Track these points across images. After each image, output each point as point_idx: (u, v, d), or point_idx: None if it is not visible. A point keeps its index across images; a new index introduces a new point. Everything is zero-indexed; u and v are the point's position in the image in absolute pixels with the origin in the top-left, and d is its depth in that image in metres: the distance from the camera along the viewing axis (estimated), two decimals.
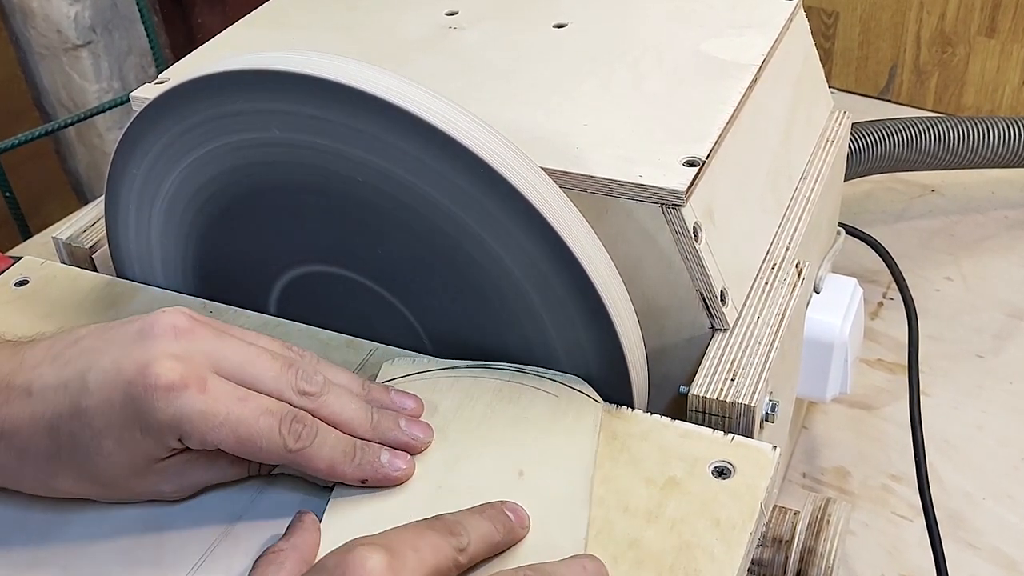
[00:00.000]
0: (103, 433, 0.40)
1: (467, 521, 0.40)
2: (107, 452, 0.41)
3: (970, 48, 0.99)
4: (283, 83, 0.45)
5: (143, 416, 0.40)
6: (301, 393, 0.42)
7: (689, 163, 0.47)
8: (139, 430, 0.40)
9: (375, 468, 0.43)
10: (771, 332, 0.49)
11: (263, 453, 0.41)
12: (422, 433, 0.45)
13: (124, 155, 0.51)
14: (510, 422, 0.46)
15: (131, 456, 0.41)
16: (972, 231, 0.89)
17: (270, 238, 0.51)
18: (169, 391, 0.40)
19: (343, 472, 0.42)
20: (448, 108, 0.44)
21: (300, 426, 0.41)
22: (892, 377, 0.75)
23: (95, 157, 1.56)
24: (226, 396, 0.41)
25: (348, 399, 0.44)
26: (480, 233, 0.45)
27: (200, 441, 0.40)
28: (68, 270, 0.58)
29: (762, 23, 0.58)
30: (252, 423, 0.40)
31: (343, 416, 0.43)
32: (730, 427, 0.47)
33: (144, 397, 0.40)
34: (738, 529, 0.42)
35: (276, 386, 0.42)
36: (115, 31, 1.50)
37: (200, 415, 0.40)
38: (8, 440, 0.41)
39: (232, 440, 0.40)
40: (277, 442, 0.41)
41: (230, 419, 0.40)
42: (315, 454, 0.41)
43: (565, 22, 0.60)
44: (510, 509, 0.41)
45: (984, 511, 0.65)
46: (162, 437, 0.40)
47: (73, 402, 0.41)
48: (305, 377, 0.43)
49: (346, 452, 0.42)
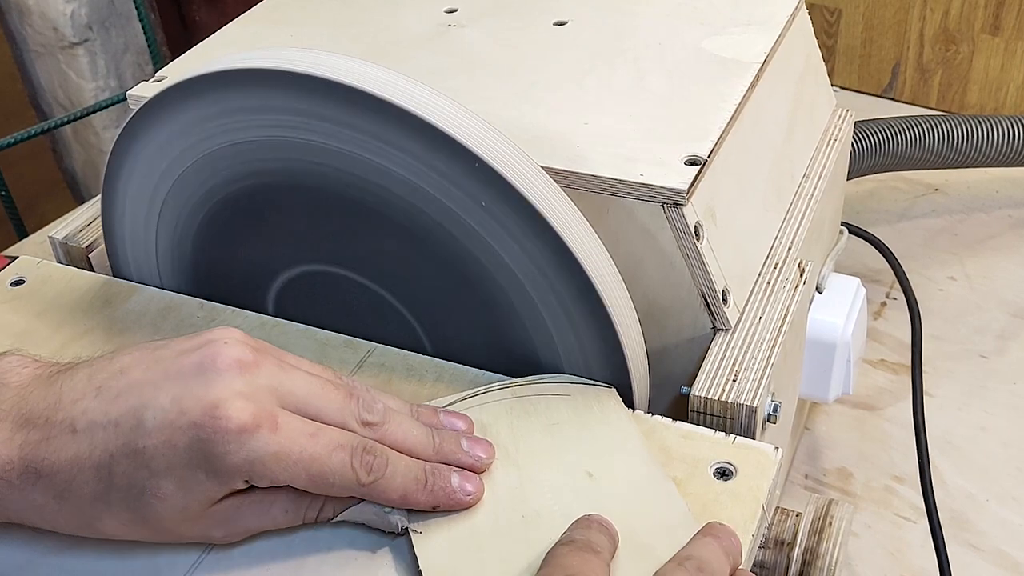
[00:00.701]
0: (162, 475, 0.39)
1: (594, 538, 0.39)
2: (164, 494, 0.39)
3: (974, 46, 0.99)
4: (281, 81, 0.45)
5: (212, 459, 0.38)
6: (364, 424, 0.41)
7: (690, 162, 0.47)
8: (204, 472, 0.39)
9: (447, 493, 0.42)
10: (773, 332, 0.49)
11: (335, 488, 0.40)
12: (484, 453, 0.44)
13: (121, 154, 0.51)
14: (544, 432, 0.45)
15: (189, 498, 0.39)
16: (976, 230, 0.89)
17: (268, 237, 0.51)
18: (241, 433, 0.38)
19: (416, 500, 0.41)
20: (448, 106, 0.44)
21: (371, 458, 0.40)
22: (895, 378, 0.75)
23: (92, 156, 1.56)
24: (298, 434, 0.39)
25: (409, 424, 0.43)
26: (479, 232, 0.45)
27: (271, 480, 0.39)
28: (64, 269, 0.58)
29: (764, 21, 0.58)
30: (325, 459, 0.39)
31: (407, 443, 0.42)
32: (732, 428, 0.47)
33: (214, 440, 0.38)
34: (740, 531, 0.41)
35: (341, 417, 0.41)
36: (112, 29, 1.50)
37: (274, 457, 0.39)
38: (48, 480, 0.39)
39: (304, 478, 0.39)
40: (350, 477, 0.40)
41: (303, 458, 0.39)
42: (388, 485, 0.41)
43: (565, 19, 0.60)
44: (601, 521, 0.41)
45: (988, 513, 0.65)
46: (230, 479, 0.39)
47: (128, 442, 0.39)
48: (367, 407, 0.42)
49: (418, 479, 0.41)
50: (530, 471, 0.44)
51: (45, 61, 1.49)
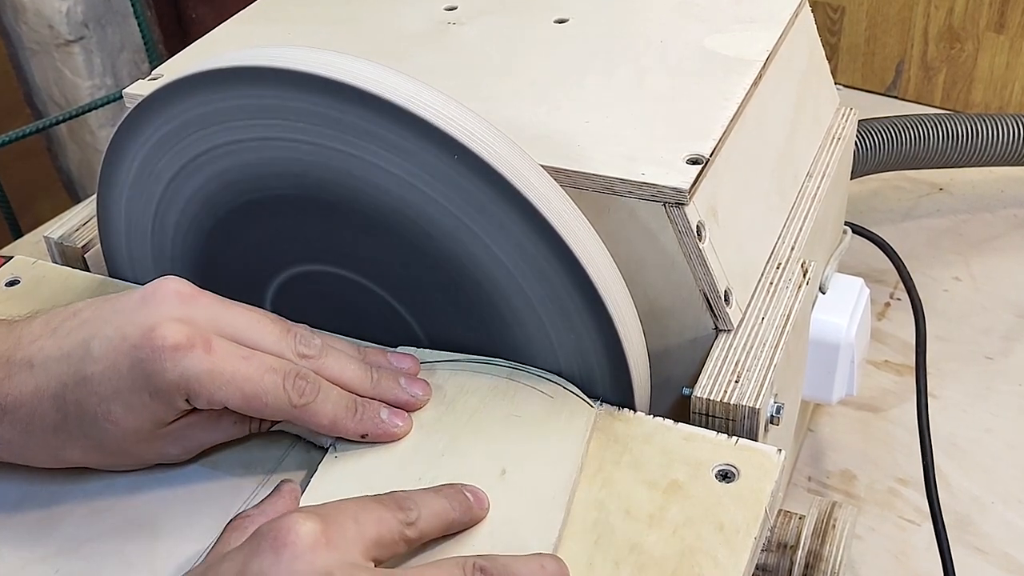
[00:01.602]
0: (110, 399, 0.41)
1: (419, 497, 0.41)
2: (115, 418, 0.42)
3: (979, 44, 0.99)
4: (278, 80, 0.45)
5: (151, 378, 0.41)
6: (301, 356, 0.44)
7: (692, 161, 0.47)
8: (147, 393, 0.41)
9: (376, 424, 0.45)
10: (776, 333, 0.49)
11: (268, 409, 0.42)
12: (421, 391, 0.46)
13: (117, 153, 0.51)
14: (501, 419, 0.46)
15: (139, 420, 0.42)
16: (981, 230, 0.89)
17: (266, 237, 0.51)
18: (175, 351, 0.41)
19: (345, 427, 0.44)
20: (447, 104, 0.44)
21: (303, 382, 0.43)
22: (899, 379, 0.75)
23: (87, 155, 1.56)
24: (231, 355, 0.42)
25: (347, 360, 0.45)
26: (479, 232, 0.45)
27: (208, 400, 0.41)
28: (60, 270, 0.58)
29: (767, 18, 0.58)
30: (257, 380, 0.42)
31: (344, 376, 0.45)
32: (734, 430, 0.47)
33: (151, 359, 0.41)
34: (742, 534, 0.42)
35: (278, 348, 0.44)
36: (108, 26, 1.50)
37: (207, 374, 0.41)
38: (12, 415, 0.42)
39: (238, 397, 0.42)
40: (282, 398, 0.42)
41: (236, 377, 0.41)
42: (319, 409, 0.43)
43: (566, 17, 0.60)
44: (470, 491, 0.42)
45: (993, 515, 0.65)
46: (170, 398, 0.41)
47: (77, 370, 0.42)
48: (304, 341, 0.45)
49: (348, 407, 0.44)
50: (460, 444, 0.45)
51: (40, 59, 1.49)
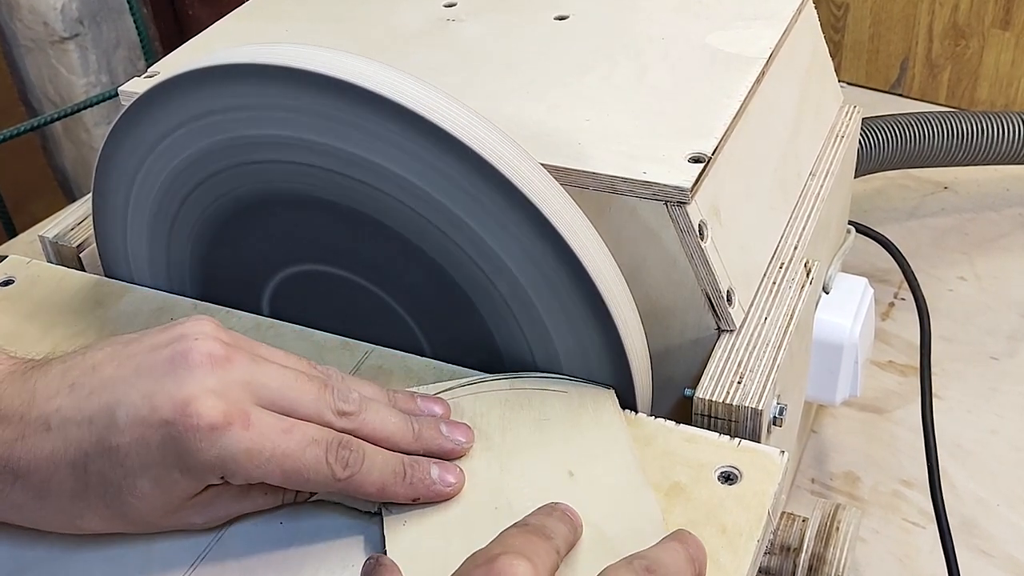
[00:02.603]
0: (137, 473, 0.39)
1: (551, 524, 0.39)
2: (141, 492, 0.40)
3: (984, 41, 0.99)
4: (276, 77, 0.45)
5: (184, 457, 0.39)
6: (340, 414, 0.42)
7: (694, 159, 0.47)
8: (178, 470, 0.39)
9: (427, 486, 0.42)
10: (779, 333, 0.49)
11: (311, 484, 0.41)
12: (464, 437, 0.44)
13: (112, 151, 0.51)
14: (534, 427, 0.46)
15: (166, 495, 0.40)
16: (986, 229, 0.89)
17: (264, 236, 0.51)
18: (212, 431, 0.38)
19: (395, 493, 0.42)
20: (446, 102, 0.44)
21: (347, 452, 0.41)
22: (904, 380, 0.75)
23: (82, 153, 1.56)
24: (271, 430, 0.40)
25: (387, 412, 0.43)
26: (478, 231, 0.45)
27: (245, 478, 0.40)
28: (55, 269, 0.58)
29: (770, 15, 0.58)
30: (299, 456, 0.40)
31: (385, 431, 0.43)
32: (737, 431, 0.47)
33: (185, 438, 0.38)
34: (745, 536, 0.42)
35: (316, 409, 0.41)
36: (103, 23, 1.50)
37: (246, 454, 0.39)
38: (25, 479, 0.40)
39: (278, 474, 0.40)
40: (325, 472, 0.40)
41: (276, 455, 0.39)
42: (365, 479, 0.41)
43: (567, 14, 0.60)
44: (567, 510, 0.41)
45: (998, 517, 0.65)
46: (204, 476, 0.40)
47: (101, 439, 0.39)
48: (342, 396, 0.42)
49: (396, 472, 0.42)
50: (512, 463, 0.44)
51: (35, 56, 1.49)
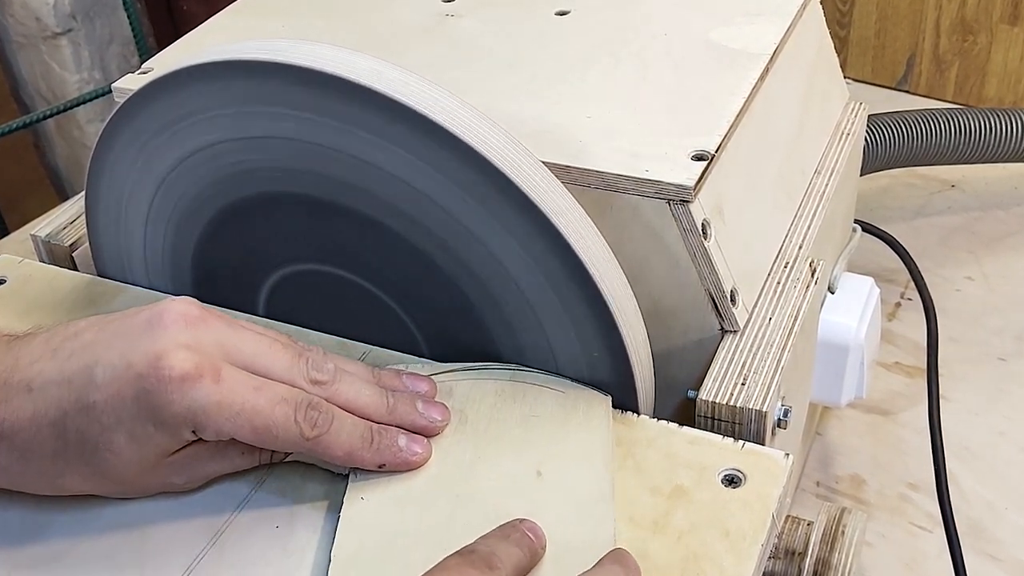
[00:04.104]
0: (113, 428, 0.41)
1: (499, 550, 0.40)
2: (118, 448, 0.41)
3: (992, 36, 0.99)
4: (273, 73, 0.45)
5: (157, 409, 0.40)
6: (314, 382, 0.43)
7: (698, 157, 0.47)
8: (152, 424, 0.41)
9: (393, 453, 0.44)
10: (783, 334, 0.49)
11: (279, 442, 0.42)
12: (439, 415, 0.46)
13: (105, 149, 0.51)
14: (519, 422, 0.46)
15: (143, 451, 0.41)
16: (994, 228, 0.89)
17: (261, 235, 0.51)
18: (183, 382, 0.40)
19: (361, 458, 0.43)
20: (445, 99, 0.44)
21: (316, 413, 0.42)
22: (910, 381, 0.75)
23: (75, 151, 1.57)
24: (241, 386, 0.41)
25: (361, 385, 0.45)
26: (477, 230, 0.45)
27: (216, 432, 0.41)
28: (47, 269, 0.58)
29: (774, 10, 0.58)
30: (268, 412, 0.41)
31: (358, 402, 0.44)
32: (740, 433, 0.47)
33: (157, 390, 0.40)
34: (749, 540, 0.42)
35: (289, 375, 0.43)
36: (96, 19, 1.50)
37: (216, 406, 0.40)
38: (9, 440, 0.42)
39: (248, 430, 0.41)
40: (293, 431, 0.42)
41: (246, 409, 0.41)
42: (333, 441, 0.42)
43: (568, 9, 0.60)
44: (529, 529, 0.41)
45: (1006, 521, 0.65)
46: (176, 430, 0.41)
47: (79, 397, 0.41)
48: (316, 366, 0.44)
49: (364, 437, 0.43)
50: (487, 453, 0.45)
51: (27, 52, 1.49)
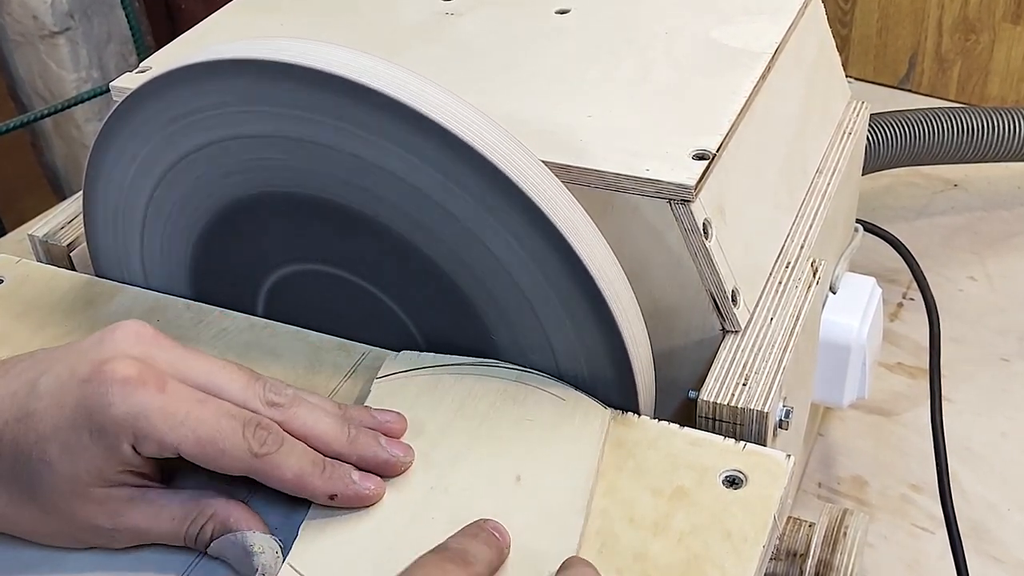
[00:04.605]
0: (48, 437, 0.39)
1: (473, 549, 0.39)
2: (50, 458, 0.40)
3: (995, 35, 0.99)
4: (272, 72, 0.45)
5: (94, 414, 0.39)
6: (270, 404, 0.42)
7: (699, 156, 0.47)
8: (88, 431, 0.39)
9: (346, 484, 0.42)
10: (785, 334, 0.49)
11: (226, 457, 0.40)
12: (402, 452, 0.44)
13: (103, 148, 0.51)
14: (513, 423, 0.46)
15: (74, 465, 0.40)
16: (997, 228, 0.89)
17: (260, 235, 0.51)
18: (125, 384, 0.39)
19: (312, 484, 0.41)
20: (445, 98, 0.44)
21: (265, 432, 0.40)
22: (912, 382, 0.75)
23: (73, 150, 1.57)
24: (186, 396, 0.40)
25: (321, 413, 0.43)
26: (477, 230, 0.45)
27: (157, 443, 0.39)
28: (44, 269, 0.58)
29: (776, 9, 0.58)
30: (213, 423, 0.40)
31: (316, 429, 0.42)
32: (742, 434, 0.47)
33: (98, 392, 0.39)
34: (750, 542, 0.42)
35: (243, 396, 0.42)
36: (94, 17, 1.50)
37: (159, 412, 0.39)
38: None
39: (192, 441, 0.39)
40: (241, 445, 0.40)
41: (190, 418, 0.39)
42: (282, 461, 0.41)
43: (568, 8, 0.60)
44: (494, 528, 0.41)
45: (1009, 523, 0.65)
46: (114, 439, 0.39)
47: (21, 407, 0.40)
48: (274, 389, 0.42)
49: (315, 463, 0.41)
50: (467, 454, 0.45)
51: (25, 51, 1.49)
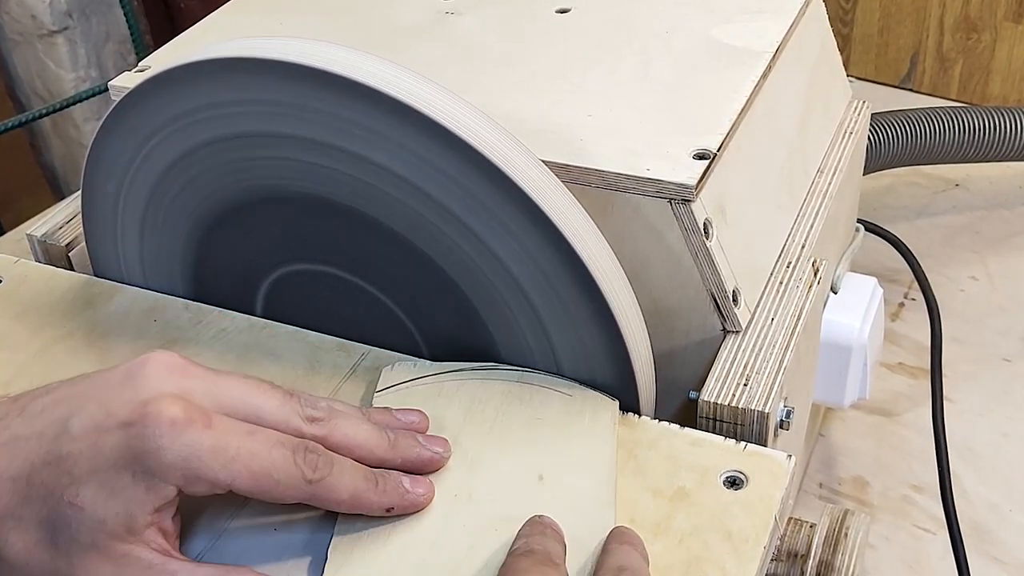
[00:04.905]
0: (83, 480, 0.38)
1: (552, 548, 0.39)
2: (83, 502, 0.38)
3: (996, 34, 0.99)
4: (271, 71, 0.45)
5: (142, 457, 0.38)
6: (310, 420, 0.41)
7: (699, 156, 0.47)
8: (130, 474, 0.38)
9: (400, 494, 0.42)
10: (786, 334, 0.49)
11: (280, 488, 0.39)
12: (442, 448, 0.44)
13: (102, 148, 0.51)
14: (524, 424, 0.46)
15: (107, 510, 0.38)
16: (998, 228, 0.89)
17: (258, 234, 0.51)
18: (173, 426, 0.38)
19: (368, 500, 0.41)
20: (444, 97, 0.44)
21: (315, 457, 0.40)
22: (914, 382, 0.75)
23: (72, 149, 1.56)
24: (234, 430, 0.39)
25: (359, 421, 0.43)
26: (477, 229, 0.45)
27: (210, 482, 0.38)
28: (43, 269, 0.58)
29: (777, 8, 0.58)
30: (265, 455, 0.39)
31: (358, 439, 0.42)
32: (743, 435, 0.47)
33: (145, 436, 0.38)
34: (751, 543, 0.42)
35: (283, 415, 0.41)
36: (92, 16, 1.50)
37: (210, 451, 0.38)
38: None
39: (246, 476, 0.38)
40: (295, 473, 0.39)
41: (242, 453, 0.38)
42: (336, 483, 0.40)
43: (568, 7, 0.60)
44: (554, 525, 0.41)
45: (1011, 523, 0.65)
46: (160, 481, 0.38)
47: (50, 450, 0.38)
48: (310, 404, 0.42)
49: (367, 479, 0.41)
50: (489, 454, 0.45)
51: (23, 50, 1.49)
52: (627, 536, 0.41)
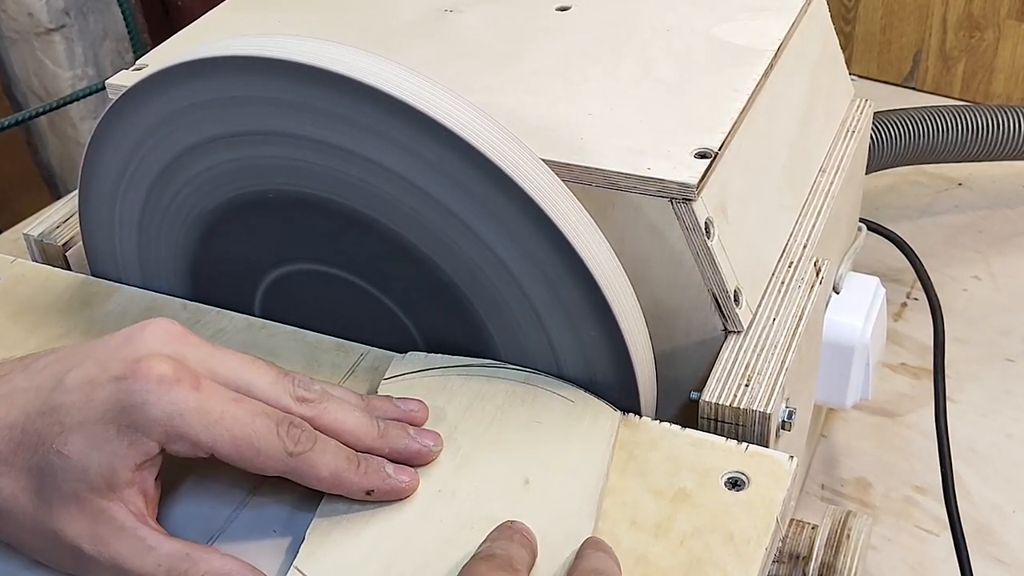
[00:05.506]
0: (73, 429, 0.40)
1: (515, 553, 0.40)
2: (69, 450, 0.39)
3: (999, 32, 0.99)
4: (269, 70, 0.45)
5: (129, 411, 0.39)
6: (300, 400, 0.42)
7: (700, 155, 0.47)
8: (116, 427, 0.39)
9: (382, 478, 0.42)
10: (788, 335, 0.49)
11: (261, 457, 0.40)
12: (432, 441, 0.44)
13: (99, 147, 0.51)
14: (522, 425, 0.46)
15: (91, 460, 0.39)
16: (1001, 227, 0.89)
17: (257, 234, 0.51)
18: (161, 383, 0.39)
19: (349, 480, 0.42)
20: (444, 96, 0.44)
21: (298, 431, 0.41)
22: (916, 382, 0.75)
23: (68, 148, 1.57)
24: (221, 396, 0.40)
25: (350, 408, 0.43)
26: (477, 229, 0.45)
27: (192, 441, 0.40)
28: (40, 268, 0.58)
29: (778, 6, 0.58)
30: (248, 422, 0.40)
31: (347, 424, 0.43)
32: (744, 436, 0.47)
33: (133, 390, 0.39)
34: (753, 544, 0.42)
35: (274, 392, 0.42)
36: (90, 14, 1.50)
37: (195, 411, 0.39)
38: None
39: (227, 439, 0.40)
40: (276, 444, 0.40)
41: (225, 417, 0.40)
42: (318, 459, 0.41)
43: (569, 5, 0.60)
44: (524, 530, 0.41)
45: (1014, 524, 0.65)
46: (143, 435, 0.39)
47: (45, 400, 0.40)
48: (302, 384, 0.43)
49: (349, 459, 0.42)
50: (475, 457, 0.45)
51: (19, 48, 1.49)
52: (602, 544, 0.41)
